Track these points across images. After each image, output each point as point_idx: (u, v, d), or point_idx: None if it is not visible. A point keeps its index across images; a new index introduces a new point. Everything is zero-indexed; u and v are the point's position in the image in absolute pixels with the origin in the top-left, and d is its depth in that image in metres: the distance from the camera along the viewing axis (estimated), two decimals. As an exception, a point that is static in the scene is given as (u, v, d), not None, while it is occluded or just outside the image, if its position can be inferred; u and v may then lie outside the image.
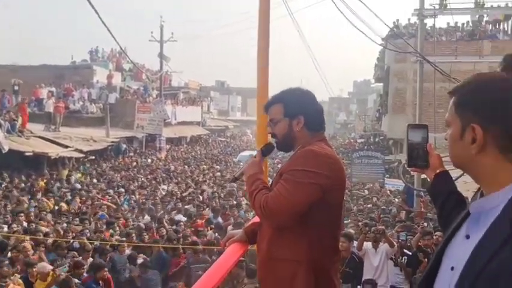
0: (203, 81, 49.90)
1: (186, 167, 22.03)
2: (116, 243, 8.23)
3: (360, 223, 8.97)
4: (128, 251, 7.97)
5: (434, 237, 6.96)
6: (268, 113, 2.18)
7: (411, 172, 14.18)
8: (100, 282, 6.18)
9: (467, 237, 1.16)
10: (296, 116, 2.07)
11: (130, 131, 25.96)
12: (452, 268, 1.16)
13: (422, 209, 10.89)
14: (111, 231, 9.17)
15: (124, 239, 8.50)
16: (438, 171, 1.62)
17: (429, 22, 14.97)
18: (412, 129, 1.58)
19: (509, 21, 22.80)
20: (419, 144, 1.58)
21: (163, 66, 29.87)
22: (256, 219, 2.37)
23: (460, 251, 1.15)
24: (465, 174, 1.26)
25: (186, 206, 12.17)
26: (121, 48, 9.21)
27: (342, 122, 67.64)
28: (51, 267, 6.25)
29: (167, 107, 28.28)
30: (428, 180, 1.70)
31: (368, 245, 6.78)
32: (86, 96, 25.86)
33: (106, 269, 6.38)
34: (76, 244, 7.95)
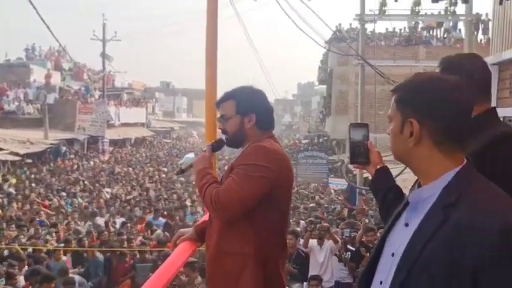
0: (147, 81, 48.91)
1: (131, 169, 21.50)
2: (52, 247, 7.92)
3: (302, 221, 9.21)
4: (64, 258, 7.69)
5: (378, 233, 7.25)
6: (220, 108, 2.19)
7: (354, 171, 14.72)
8: None
9: (406, 225, 1.26)
10: (248, 113, 2.09)
11: (71, 132, 24.96)
12: (393, 254, 1.25)
13: (364, 207, 11.31)
14: (48, 236, 8.80)
15: (62, 245, 8.19)
16: (378, 167, 1.71)
17: (369, 27, 15.59)
18: (354, 128, 1.67)
19: (442, 28, 24.27)
20: (360, 142, 1.67)
21: (106, 66, 29.02)
22: (207, 217, 2.38)
23: (399, 238, 1.25)
24: (404, 172, 1.38)
25: (132, 209, 11.90)
26: (61, 46, 8.86)
27: (287, 123, 68.67)
28: None
29: (110, 108, 27.48)
30: (369, 176, 1.80)
31: (313, 242, 6.97)
32: (22, 96, 24.57)
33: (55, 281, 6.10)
34: (6, 252, 7.56)
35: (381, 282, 1.26)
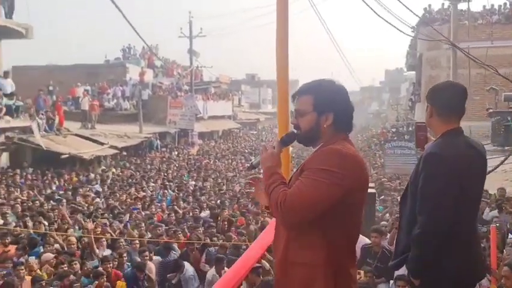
0: (233, 74, 50.10)
1: (218, 162, 22.06)
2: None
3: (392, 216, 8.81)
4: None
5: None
6: (296, 102, 2.03)
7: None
8: None
9: None
10: (325, 112, 1.95)
11: (163, 126, 26.40)
12: None
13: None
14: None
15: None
16: None
17: (463, 6, 14.42)
18: (418, 127, 2.78)
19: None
20: (422, 135, 2.76)
21: (193, 62, 30.17)
22: (273, 224, 2.30)
23: None
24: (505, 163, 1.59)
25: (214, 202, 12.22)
26: (149, 48, 9.38)
27: (375, 111, 66.49)
28: None
29: (198, 102, 28.56)
30: None
31: (399, 238, 6.64)
32: (120, 93, 26.43)
33: None
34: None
35: None
